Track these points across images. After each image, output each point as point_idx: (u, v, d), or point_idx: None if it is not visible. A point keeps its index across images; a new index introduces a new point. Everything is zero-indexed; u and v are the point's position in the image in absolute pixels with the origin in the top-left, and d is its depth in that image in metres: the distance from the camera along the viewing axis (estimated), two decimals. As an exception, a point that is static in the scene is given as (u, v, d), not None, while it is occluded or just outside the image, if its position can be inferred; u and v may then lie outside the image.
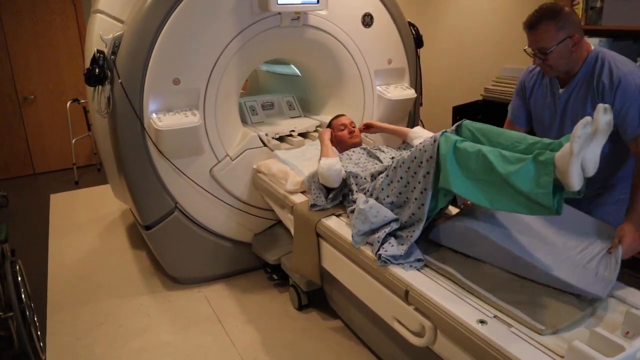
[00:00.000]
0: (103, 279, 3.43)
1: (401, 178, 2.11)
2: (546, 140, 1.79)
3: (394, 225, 2.11)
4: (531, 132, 2.29)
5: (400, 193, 2.13)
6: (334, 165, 2.50)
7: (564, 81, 2.05)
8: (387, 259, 1.98)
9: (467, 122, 2.06)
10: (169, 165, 2.94)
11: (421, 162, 1.99)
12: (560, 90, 2.07)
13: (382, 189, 2.22)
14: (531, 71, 2.22)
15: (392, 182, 2.17)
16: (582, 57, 1.99)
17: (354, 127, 2.96)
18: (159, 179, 2.96)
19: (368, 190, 2.33)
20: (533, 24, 1.93)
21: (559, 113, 2.09)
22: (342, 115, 3.07)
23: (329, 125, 3.02)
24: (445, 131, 1.96)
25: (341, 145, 2.87)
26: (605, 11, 2.65)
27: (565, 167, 1.54)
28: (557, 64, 1.97)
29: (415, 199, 2.04)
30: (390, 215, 2.13)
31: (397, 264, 1.98)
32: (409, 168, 2.06)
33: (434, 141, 1.93)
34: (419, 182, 2.01)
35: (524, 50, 2.02)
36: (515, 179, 1.65)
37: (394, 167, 2.15)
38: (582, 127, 1.52)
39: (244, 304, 3.08)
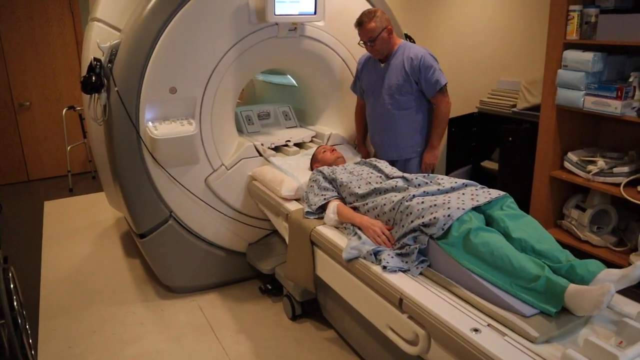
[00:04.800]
0: (96, 287, 3.42)
1: (402, 227, 2.12)
2: (570, 256, 1.87)
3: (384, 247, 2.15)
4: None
5: (397, 233, 2.16)
6: (330, 221, 2.47)
7: (382, 62, 3.02)
8: (394, 270, 2.00)
9: (509, 202, 2.09)
10: (164, 174, 2.94)
11: (425, 228, 2.01)
12: (381, 66, 3.01)
13: (378, 217, 2.28)
14: (362, 62, 3.17)
15: (389, 221, 2.23)
16: (395, 45, 2.97)
17: (332, 148, 3.05)
18: (154, 187, 2.96)
19: (366, 205, 2.35)
20: (361, 23, 2.86)
21: (380, 81, 3.02)
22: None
23: (313, 159, 3.04)
24: (466, 212, 1.97)
25: (327, 164, 2.90)
26: (600, 26, 2.67)
27: (575, 311, 1.67)
28: (381, 47, 2.91)
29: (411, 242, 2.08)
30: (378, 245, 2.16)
31: (405, 270, 2.01)
32: (411, 223, 2.07)
33: (446, 218, 1.94)
34: (416, 241, 2.05)
35: (358, 43, 2.95)
36: (519, 290, 1.76)
37: (401, 212, 2.15)
38: (607, 300, 1.57)
39: (237, 314, 3.07)
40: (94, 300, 3.26)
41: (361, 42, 2.94)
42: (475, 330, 1.62)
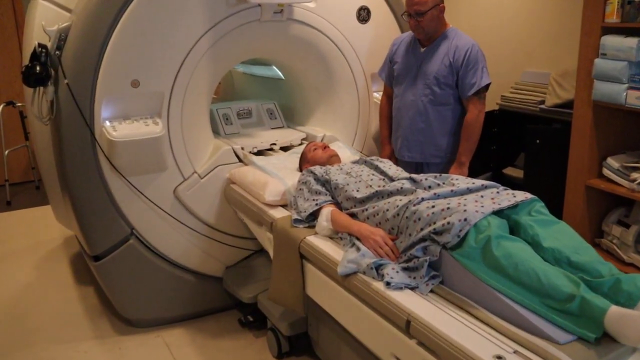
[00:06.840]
0: (39, 321, 3.40)
1: (409, 235, 2.12)
2: (614, 270, 1.84)
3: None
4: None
5: (402, 244, 2.16)
6: (323, 230, 2.47)
7: (423, 45, 3.10)
8: (399, 287, 1.99)
9: (539, 207, 2.10)
10: (124, 184, 2.94)
11: (437, 237, 2.00)
12: (422, 50, 3.09)
13: (379, 225, 2.29)
14: (397, 43, 3.26)
15: (393, 229, 2.23)
16: (444, 28, 3.06)
17: (323, 145, 3.09)
18: (112, 199, 2.95)
19: (366, 211, 2.36)
20: None
21: (417, 67, 3.10)
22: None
23: (303, 158, 3.05)
24: (486, 216, 1.96)
25: (319, 163, 2.90)
26: (645, 7, 2.70)
27: (617, 338, 1.63)
28: (427, 25, 2.97)
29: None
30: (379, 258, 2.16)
31: (413, 287, 2.00)
32: (420, 231, 2.08)
33: (463, 223, 1.93)
34: (426, 252, 2.05)
35: (401, 15, 3.18)
36: (550, 312, 1.74)
37: (407, 218, 2.15)
38: None
39: (211, 352, 3.06)
40: (35, 338, 3.23)
41: (405, 14, 3.02)
42: (499, 358, 1.60)
